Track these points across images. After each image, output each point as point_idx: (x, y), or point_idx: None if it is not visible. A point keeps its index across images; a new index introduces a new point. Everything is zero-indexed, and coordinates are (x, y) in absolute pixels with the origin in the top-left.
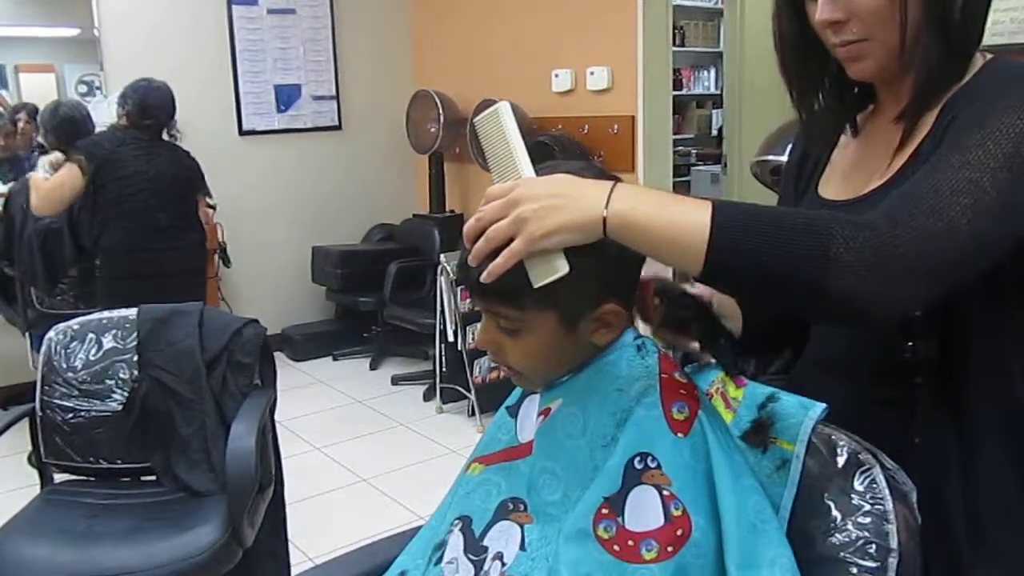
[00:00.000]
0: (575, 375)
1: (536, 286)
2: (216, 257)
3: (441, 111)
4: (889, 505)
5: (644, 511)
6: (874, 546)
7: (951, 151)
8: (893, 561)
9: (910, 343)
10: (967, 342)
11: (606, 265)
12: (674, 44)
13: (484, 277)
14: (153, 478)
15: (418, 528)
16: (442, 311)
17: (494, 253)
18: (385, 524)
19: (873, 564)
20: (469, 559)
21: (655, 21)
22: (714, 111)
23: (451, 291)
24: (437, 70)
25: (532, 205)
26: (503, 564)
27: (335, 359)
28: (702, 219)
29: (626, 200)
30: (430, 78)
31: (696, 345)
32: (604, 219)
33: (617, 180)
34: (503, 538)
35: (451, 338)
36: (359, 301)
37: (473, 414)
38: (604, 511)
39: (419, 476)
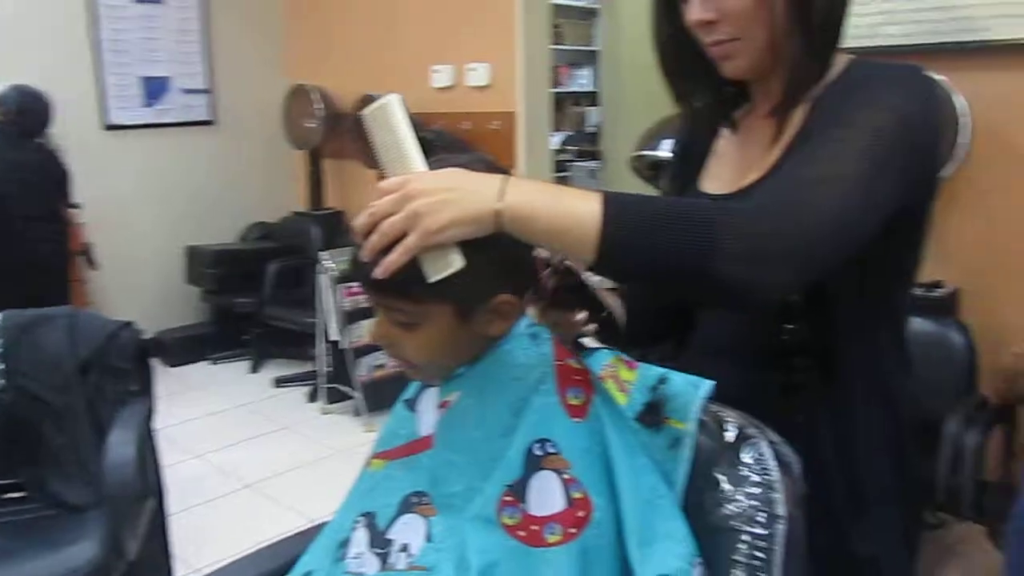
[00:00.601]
0: (471, 367)
1: (431, 280)
2: (81, 258)
3: (319, 106)
4: (776, 475)
5: (546, 496)
6: (763, 514)
7: (818, 145)
8: (781, 527)
9: (788, 326)
10: (840, 324)
11: (499, 257)
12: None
13: (378, 272)
14: (22, 495)
15: (321, 526)
16: (323, 310)
17: (388, 248)
18: (273, 529)
19: (762, 531)
20: (375, 553)
21: (534, 19)
22: (589, 108)
23: (333, 289)
24: (314, 64)
25: (426, 199)
26: (409, 556)
27: (213, 363)
28: (593, 210)
29: (519, 193)
30: (307, 72)
31: (582, 316)
32: (498, 212)
33: (507, 173)
34: (408, 531)
35: (334, 337)
36: (236, 302)
37: (359, 413)
38: (507, 498)
39: (306, 479)
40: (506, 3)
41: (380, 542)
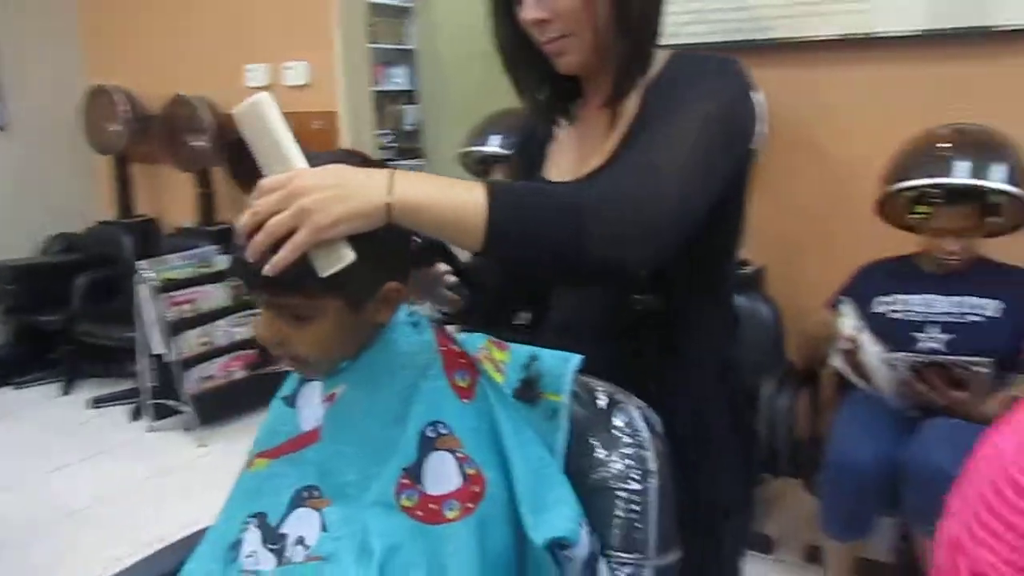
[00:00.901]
0: (355, 360)
1: (323, 275)
2: None
3: (124, 108)
4: (645, 436)
5: (442, 475)
6: (636, 473)
7: (656, 132)
8: (653, 483)
9: (635, 299)
10: (678, 296)
11: (384, 246)
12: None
13: (268, 270)
14: None
15: (202, 532)
16: (144, 322)
17: (275, 246)
18: (109, 553)
19: (637, 487)
20: (269, 549)
21: (352, 16)
22: (406, 107)
23: (154, 300)
24: (118, 64)
25: (314, 196)
26: (306, 548)
27: (17, 387)
28: (479, 200)
29: (408, 186)
30: (111, 72)
31: (443, 268)
32: (389, 205)
33: (383, 167)
34: (302, 524)
35: (158, 350)
36: (41, 320)
37: (191, 428)
38: (404, 482)
39: (136, 501)
40: (322, 2)
41: (274, 538)
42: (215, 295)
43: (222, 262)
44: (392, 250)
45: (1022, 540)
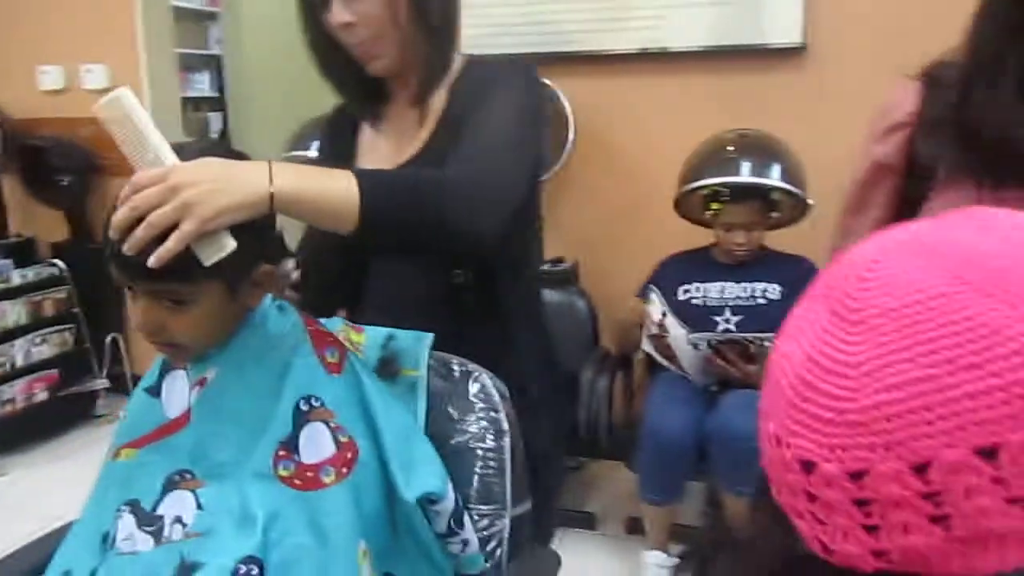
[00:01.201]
0: (224, 345)
1: (207, 264)
2: None
3: None
4: (497, 399)
5: (317, 444)
6: (491, 433)
7: (481, 124)
8: (507, 441)
9: (457, 272)
10: (492, 268)
11: (257, 230)
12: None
13: (153, 262)
14: None
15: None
16: None
17: (157, 239)
18: None
19: (493, 444)
20: (145, 531)
21: (155, 18)
22: (211, 113)
23: None
24: None
25: (197, 189)
26: (184, 526)
27: None
28: (351, 187)
29: (286, 177)
30: None
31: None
32: (272, 196)
33: (247, 159)
34: (178, 505)
35: None
36: None
37: None
38: (281, 453)
39: None
40: (123, 1)
41: (150, 520)
42: (10, 312)
43: (17, 277)
44: (263, 233)
45: (825, 424)
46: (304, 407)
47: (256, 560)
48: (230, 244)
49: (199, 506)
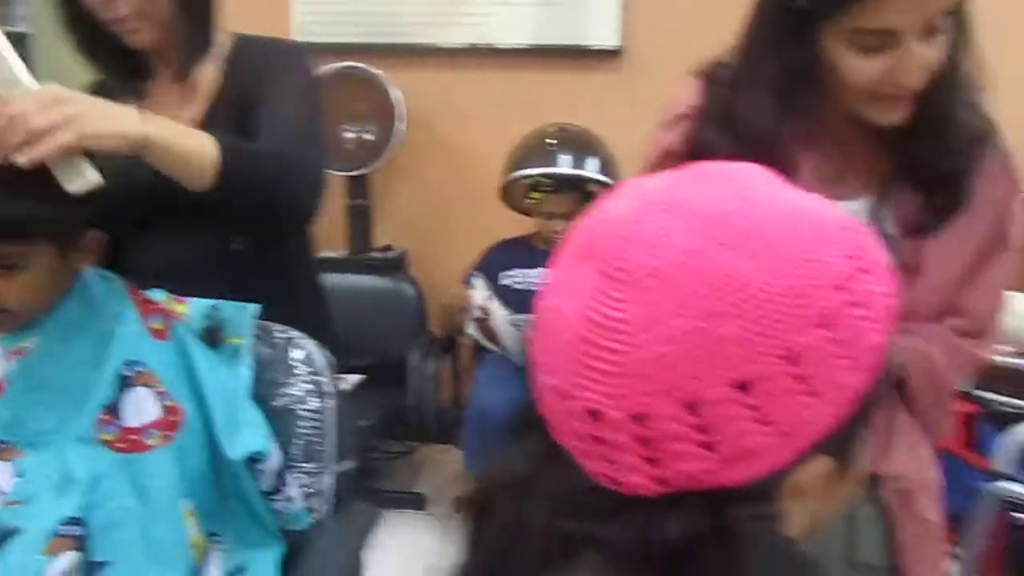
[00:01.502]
0: (47, 314)
1: (71, 190)
2: None
3: None
4: (321, 363)
5: (140, 409)
6: (314, 396)
7: (285, 105)
8: (331, 402)
9: (236, 239)
10: (268, 238)
11: (90, 193)
12: None
13: (23, 160)
14: None
15: None
16: None
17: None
18: None
19: (317, 405)
20: None
21: None
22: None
23: None
24: None
25: (80, 107)
26: (3, 495)
27: None
28: (211, 144)
29: (156, 124)
30: None
31: None
32: (146, 136)
33: None
34: None
35: None
36: None
37: None
38: (103, 418)
39: None
40: None
41: None
42: None
43: None
44: (94, 199)
45: (608, 377)
46: (128, 372)
47: (78, 521)
48: (95, 177)
49: (18, 475)
